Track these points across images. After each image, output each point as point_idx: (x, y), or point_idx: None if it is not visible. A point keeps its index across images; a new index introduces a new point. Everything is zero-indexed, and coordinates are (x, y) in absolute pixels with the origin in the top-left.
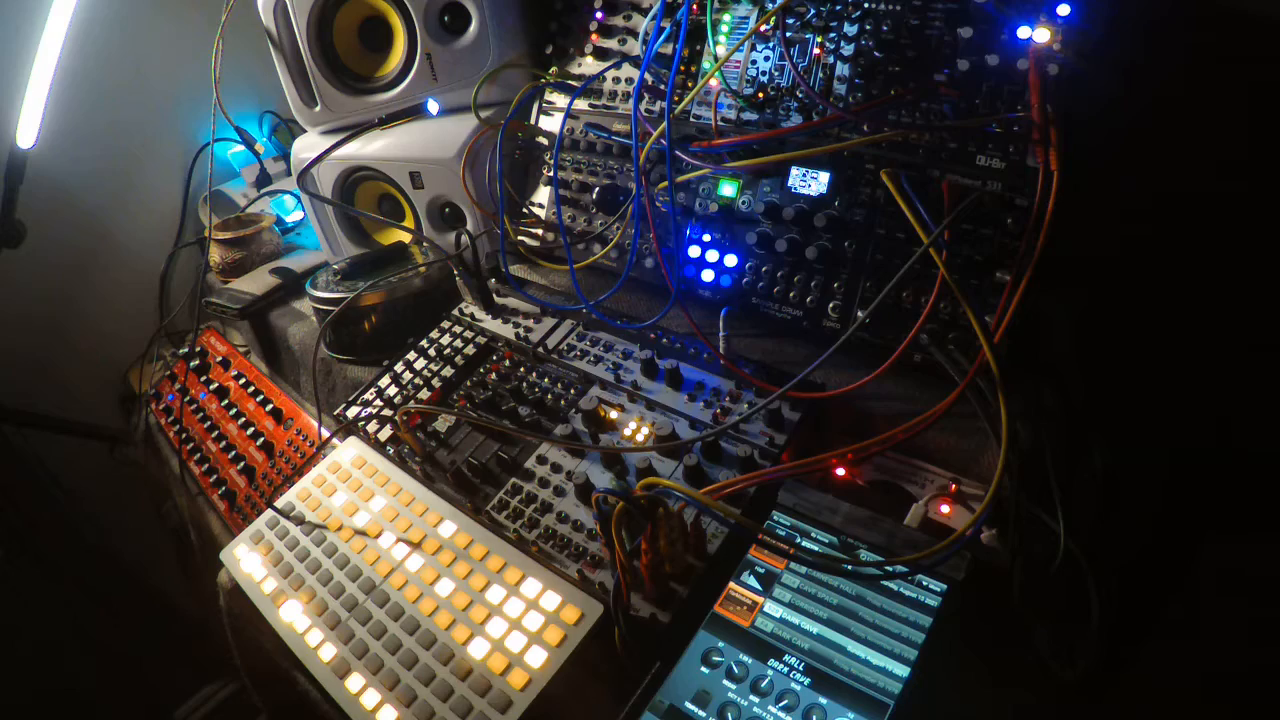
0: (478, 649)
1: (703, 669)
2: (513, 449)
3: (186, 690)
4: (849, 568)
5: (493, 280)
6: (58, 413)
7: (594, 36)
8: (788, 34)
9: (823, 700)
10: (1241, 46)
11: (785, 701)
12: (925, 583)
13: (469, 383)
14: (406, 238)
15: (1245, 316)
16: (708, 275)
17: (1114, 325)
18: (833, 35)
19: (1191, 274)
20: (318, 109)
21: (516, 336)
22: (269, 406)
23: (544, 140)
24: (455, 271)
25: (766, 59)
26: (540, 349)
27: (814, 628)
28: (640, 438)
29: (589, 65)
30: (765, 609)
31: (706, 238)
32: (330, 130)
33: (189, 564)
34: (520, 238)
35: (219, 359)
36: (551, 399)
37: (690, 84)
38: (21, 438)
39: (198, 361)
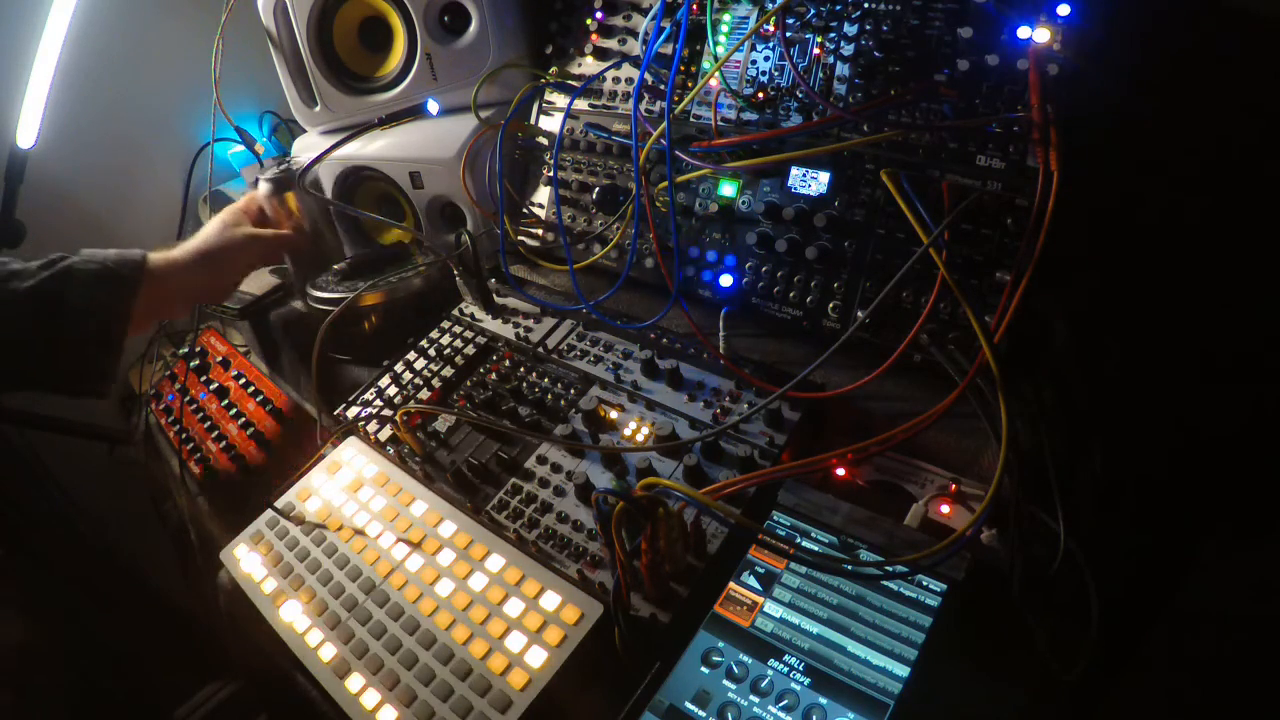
0: (478, 649)
1: (703, 669)
2: (513, 449)
3: (186, 690)
4: (849, 568)
5: (493, 280)
6: (58, 413)
7: (594, 36)
8: (788, 34)
9: (823, 700)
10: (1242, 45)
11: (785, 701)
12: (925, 583)
13: (469, 383)
14: (407, 238)
15: (1247, 315)
16: (707, 275)
17: (1114, 325)
18: (833, 35)
19: (1193, 273)
20: (318, 109)
21: (516, 336)
22: (269, 406)
23: (544, 140)
24: (455, 271)
25: (766, 59)
26: (540, 349)
27: (814, 628)
28: (640, 438)
29: (589, 65)
30: (765, 609)
31: (706, 238)
32: (330, 130)
33: (189, 564)
34: (520, 238)
35: (219, 359)
36: (551, 399)
37: (690, 84)
38: (21, 438)
39: (198, 361)
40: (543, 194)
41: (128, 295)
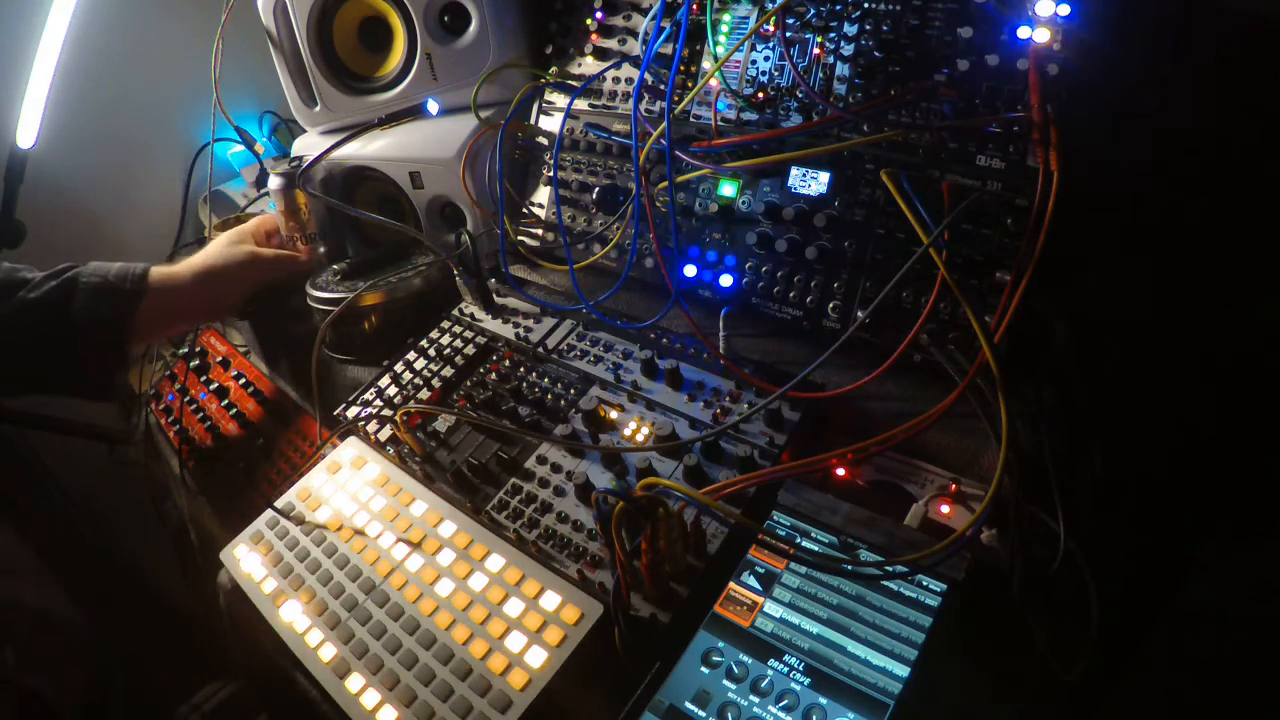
0: (478, 649)
1: (703, 669)
2: (513, 449)
3: (186, 690)
4: (849, 568)
5: (493, 280)
6: (58, 413)
7: (594, 36)
8: (788, 34)
9: (823, 700)
10: (1242, 45)
11: (785, 701)
12: (925, 583)
13: (469, 383)
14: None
15: (1247, 315)
16: (707, 275)
17: (1114, 325)
18: (833, 35)
19: (1193, 273)
20: (318, 109)
21: (516, 336)
22: (269, 407)
23: (544, 140)
24: (455, 271)
25: (766, 59)
26: (540, 349)
27: (814, 628)
28: (640, 438)
29: (589, 65)
30: (765, 609)
31: (706, 238)
32: (330, 130)
33: (189, 564)
34: (520, 238)
35: (219, 359)
36: (551, 399)
37: (690, 84)
38: (21, 438)
39: (198, 361)
40: (543, 194)
41: (128, 308)
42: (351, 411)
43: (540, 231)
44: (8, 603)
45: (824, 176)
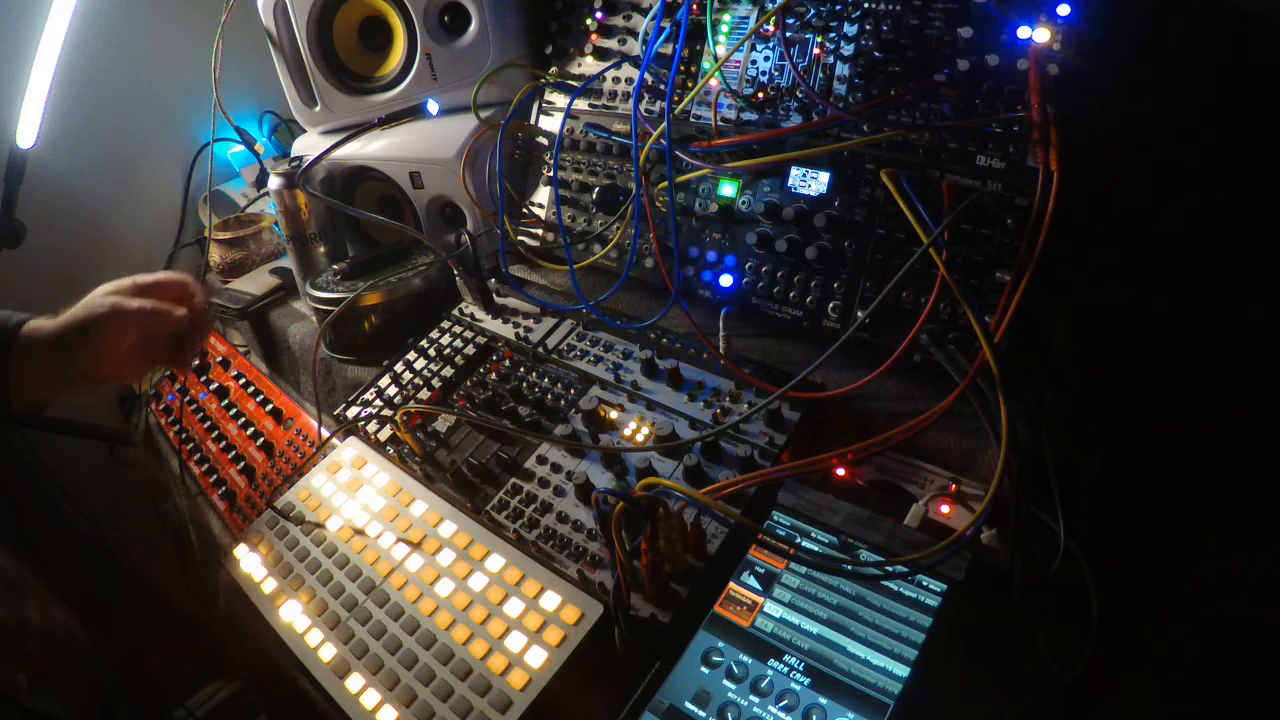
0: (478, 649)
1: (703, 669)
2: (513, 449)
3: (186, 690)
4: (849, 568)
5: (493, 280)
6: (57, 413)
7: (594, 36)
8: (788, 34)
9: (823, 700)
10: (1243, 45)
11: (785, 701)
12: (925, 583)
13: (469, 383)
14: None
15: (1246, 315)
16: (707, 275)
17: (1115, 325)
18: (833, 35)
19: (1193, 273)
20: (318, 109)
21: (516, 336)
22: (269, 406)
23: (544, 140)
24: (455, 271)
25: (766, 59)
26: (540, 349)
27: (814, 628)
28: (640, 438)
29: (589, 65)
30: (765, 609)
31: (706, 238)
32: (330, 130)
33: (189, 564)
34: (520, 238)
35: (219, 359)
36: (551, 399)
37: (690, 84)
38: (21, 438)
39: (198, 361)
40: (543, 194)
41: None
42: (351, 411)
43: (540, 231)
44: (16, 623)
45: (824, 176)
